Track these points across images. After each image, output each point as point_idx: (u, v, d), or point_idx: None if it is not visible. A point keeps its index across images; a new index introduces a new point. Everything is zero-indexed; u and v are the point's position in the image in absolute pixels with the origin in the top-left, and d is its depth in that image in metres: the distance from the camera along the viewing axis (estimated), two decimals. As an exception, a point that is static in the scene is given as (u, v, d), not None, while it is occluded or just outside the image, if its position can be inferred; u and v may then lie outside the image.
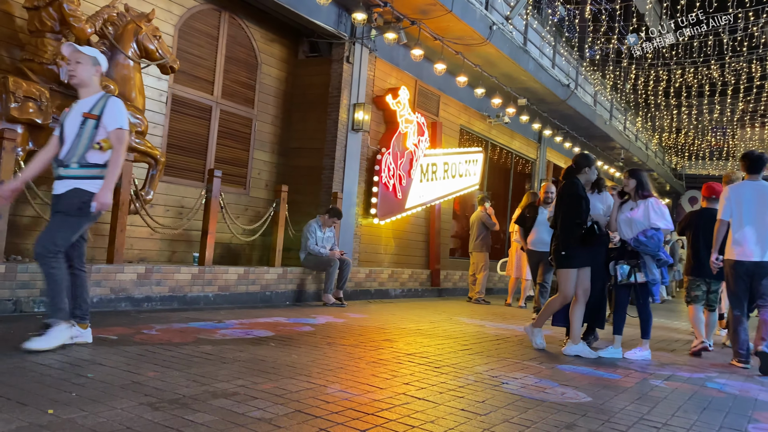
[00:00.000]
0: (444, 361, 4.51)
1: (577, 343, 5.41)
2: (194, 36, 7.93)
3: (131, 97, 6.17)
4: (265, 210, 8.18)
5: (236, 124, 8.64)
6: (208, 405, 2.82)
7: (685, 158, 28.08)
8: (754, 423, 3.46)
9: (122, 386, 3.01)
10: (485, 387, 3.74)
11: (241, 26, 8.60)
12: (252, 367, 3.71)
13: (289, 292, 7.73)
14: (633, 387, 4.17)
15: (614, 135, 17.69)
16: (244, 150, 8.80)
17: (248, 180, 8.86)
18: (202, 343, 4.37)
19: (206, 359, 3.82)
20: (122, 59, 6.13)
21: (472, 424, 2.91)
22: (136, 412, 2.62)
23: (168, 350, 3.99)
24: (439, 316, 7.56)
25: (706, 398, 4.02)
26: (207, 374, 3.41)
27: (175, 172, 7.77)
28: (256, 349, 4.32)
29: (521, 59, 11.21)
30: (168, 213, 7.58)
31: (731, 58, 14.76)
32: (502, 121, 13.06)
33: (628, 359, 5.35)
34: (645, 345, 5.51)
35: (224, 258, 8.41)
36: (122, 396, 2.84)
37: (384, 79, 9.82)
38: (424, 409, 3.10)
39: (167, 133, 7.64)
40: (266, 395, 3.07)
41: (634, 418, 3.29)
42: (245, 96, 8.77)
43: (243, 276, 7.11)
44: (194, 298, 6.55)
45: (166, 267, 6.36)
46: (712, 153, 27.44)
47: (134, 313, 5.66)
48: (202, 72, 8.10)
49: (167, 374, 3.33)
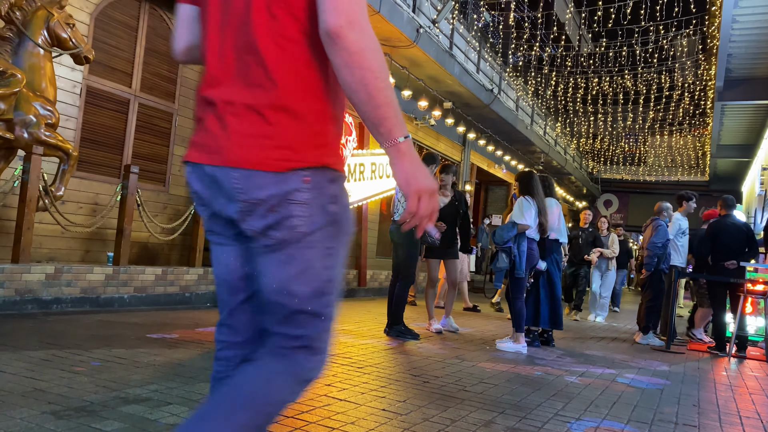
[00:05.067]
0: (367, 361, 4.50)
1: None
2: (111, 25, 7.58)
3: (41, 88, 5.82)
4: (186, 208, 7.93)
5: (156, 119, 8.33)
6: (117, 412, 2.68)
7: (601, 163, 29.40)
8: (659, 416, 3.65)
9: (23, 394, 2.82)
10: (407, 386, 3.76)
11: (163, 18, 8.30)
12: (168, 371, 3.57)
13: (211, 293, 7.52)
14: (549, 383, 4.31)
15: (535, 140, 18.29)
16: (163, 145, 8.49)
17: (168, 177, 8.56)
18: (114, 347, 4.18)
19: (119, 364, 3.65)
20: (31, 47, 5.77)
21: (393, 424, 2.91)
22: (37, 421, 2.46)
23: (77, 355, 3.78)
24: (365, 315, 7.56)
25: (616, 393, 4.20)
26: (118, 379, 3.26)
27: (90, 168, 7.40)
28: (173, 352, 4.16)
29: (447, 63, 11.39)
30: (81, 210, 7.21)
31: (643, 69, 15.58)
32: (428, 124, 13.23)
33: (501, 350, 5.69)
34: (515, 336, 5.77)
35: (141, 258, 8.09)
36: (23, 405, 2.66)
37: (311, 77, 9.73)
38: (346, 410, 3.07)
39: (81, 127, 7.26)
40: (181, 400, 2.96)
41: (549, 414, 3.39)
42: (166, 90, 8.47)
43: (161, 276, 6.86)
44: (108, 299, 6.26)
45: (77, 267, 6.05)
46: (625, 158, 28.87)
47: (42, 315, 5.35)
48: (119, 63, 7.75)
49: (75, 380, 3.15)
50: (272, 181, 1.25)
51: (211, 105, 1.32)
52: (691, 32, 13.17)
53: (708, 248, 7.24)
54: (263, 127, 1.26)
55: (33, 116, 5.71)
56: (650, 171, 27.83)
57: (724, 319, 7.14)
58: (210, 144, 1.30)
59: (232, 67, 1.30)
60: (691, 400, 4.18)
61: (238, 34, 1.30)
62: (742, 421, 3.70)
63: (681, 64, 15.82)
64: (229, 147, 1.27)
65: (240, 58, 1.29)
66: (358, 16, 1.23)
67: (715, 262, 7.12)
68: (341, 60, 1.22)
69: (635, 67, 15.67)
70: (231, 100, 1.28)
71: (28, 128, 5.70)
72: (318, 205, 1.29)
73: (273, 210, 1.26)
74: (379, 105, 1.23)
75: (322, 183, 1.29)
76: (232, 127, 1.27)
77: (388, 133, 1.26)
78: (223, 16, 1.33)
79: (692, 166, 26.05)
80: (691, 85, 16.39)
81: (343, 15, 1.21)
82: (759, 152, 14.98)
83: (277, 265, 1.29)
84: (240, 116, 1.27)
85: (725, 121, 13.86)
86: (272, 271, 1.30)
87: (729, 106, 12.47)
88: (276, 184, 1.25)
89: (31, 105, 5.70)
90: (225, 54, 1.32)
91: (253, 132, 1.26)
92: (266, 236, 1.28)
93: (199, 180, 1.35)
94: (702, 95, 15.90)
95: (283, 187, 1.25)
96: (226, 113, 1.28)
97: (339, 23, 1.20)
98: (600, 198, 31.70)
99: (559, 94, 18.08)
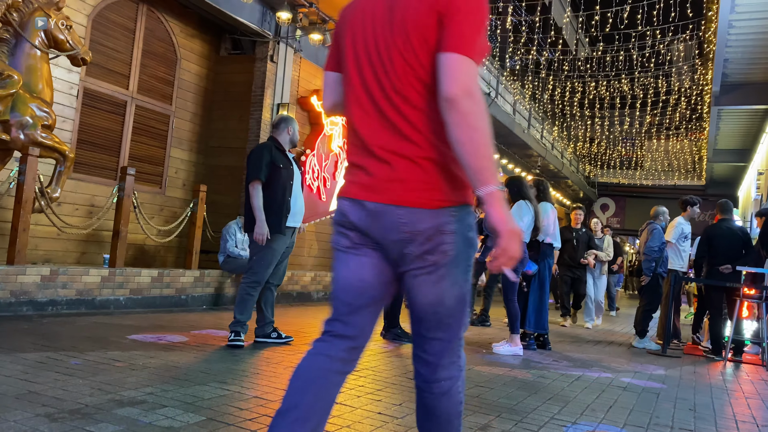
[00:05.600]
0: (363, 364, 4.49)
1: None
2: (109, 27, 7.58)
3: (38, 89, 5.82)
4: (182, 210, 7.92)
5: (153, 121, 8.33)
6: (112, 415, 2.67)
7: (598, 167, 29.46)
8: (655, 419, 3.65)
9: (17, 397, 2.81)
10: (403, 390, 3.75)
11: (160, 20, 8.30)
12: (163, 374, 3.56)
13: (207, 295, 7.50)
14: (545, 387, 4.30)
15: (532, 143, 18.31)
16: (160, 147, 8.48)
17: (164, 179, 8.55)
18: (110, 349, 4.16)
19: (113, 366, 3.63)
20: (28, 48, 5.77)
21: (389, 427, 2.90)
22: (30, 424, 2.45)
23: (72, 357, 3.77)
24: (361, 319, 7.56)
25: (613, 397, 4.19)
26: (113, 382, 3.24)
27: (86, 169, 7.39)
28: (168, 354, 4.15)
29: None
30: (77, 212, 7.20)
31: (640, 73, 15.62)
32: (425, 126, 13.22)
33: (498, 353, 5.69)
34: (512, 339, 5.77)
35: (137, 260, 8.08)
36: (16, 407, 2.65)
37: (309, 80, 9.74)
38: (341, 413, 3.06)
39: (78, 128, 7.26)
40: (177, 403, 2.95)
41: (545, 418, 3.38)
42: (163, 92, 8.46)
43: (157, 279, 6.84)
44: (104, 301, 6.24)
45: (73, 269, 6.03)
46: (622, 162, 28.92)
47: (37, 317, 5.33)
48: (116, 65, 7.75)
49: (69, 383, 3.14)
50: (429, 217, 1.58)
51: (370, 153, 1.64)
52: (688, 37, 13.22)
53: (704, 253, 7.25)
54: (419, 173, 1.58)
55: (29, 117, 5.70)
56: (647, 175, 27.89)
57: (721, 324, 7.14)
58: (373, 185, 1.63)
59: (388, 124, 1.62)
60: (687, 404, 4.18)
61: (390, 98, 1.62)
62: (738, 425, 3.70)
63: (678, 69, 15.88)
64: (393, 189, 1.60)
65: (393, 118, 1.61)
66: (472, 86, 1.52)
67: (711, 267, 7.13)
68: (455, 120, 1.52)
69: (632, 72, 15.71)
70: (391, 150, 1.60)
71: (24, 129, 5.69)
72: (461, 233, 1.62)
73: (429, 239, 1.59)
74: (481, 157, 1.52)
75: (463, 216, 1.63)
76: (393, 173, 1.60)
77: (486, 180, 1.52)
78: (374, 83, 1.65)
79: (689, 170, 26.12)
80: (688, 90, 16.44)
81: (459, 85, 1.50)
82: (755, 157, 15.03)
83: (433, 283, 1.63)
84: (399, 164, 1.59)
85: (722, 126, 13.90)
86: (429, 288, 1.64)
87: (725, 110, 12.50)
88: (432, 218, 1.59)
89: (27, 106, 5.69)
90: (380, 112, 1.64)
91: (412, 177, 1.59)
92: (423, 259, 1.61)
93: (358, 212, 1.66)
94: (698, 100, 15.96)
95: (437, 220, 1.59)
96: (386, 161, 1.61)
97: (456, 92, 1.50)
98: (597, 202, 31.73)
99: (556, 98, 18.12)
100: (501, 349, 5.73)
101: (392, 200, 1.60)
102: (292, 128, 5.14)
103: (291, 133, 5.13)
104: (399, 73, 1.60)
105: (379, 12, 1.66)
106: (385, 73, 1.62)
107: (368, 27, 1.68)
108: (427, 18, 1.57)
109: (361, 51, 1.68)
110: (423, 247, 1.60)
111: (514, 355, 5.65)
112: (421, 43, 1.58)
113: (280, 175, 4.96)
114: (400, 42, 1.60)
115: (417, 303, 1.68)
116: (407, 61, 1.59)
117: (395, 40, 1.61)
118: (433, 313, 1.66)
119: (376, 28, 1.66)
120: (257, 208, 4.79)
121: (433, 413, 1.73)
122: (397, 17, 1.61)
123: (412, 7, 1.59)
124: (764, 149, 13.15)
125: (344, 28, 1.76)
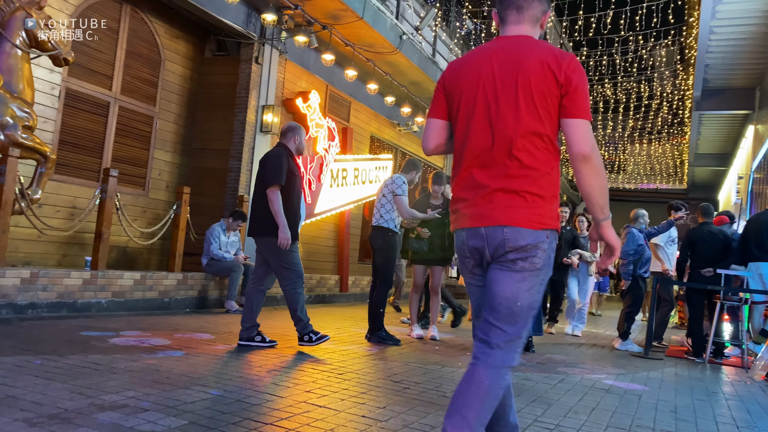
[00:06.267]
0: (348, 367, 4.48)
1: None
2: (92, 27, 7.50)
3: (18, 89, 5.75)
4: (165, 212, 7.86)
5: (136, 122, 8.26)
6: (92, 419, 2.64)
7: (582, 171, 29.61)
8: (637, 421, 3.68)
9: (-4, 401, 2.77)
10: (387, 392, 3.75)
11: (144, 20, 8.24)
12: (145, 377, 3.52)
13: (190, 298, 7.45)
14: (529, 389, 4.32)
15: (517, 146, 18.36)
16: (143, 149, 8.42)
17: (147, 181, 8.48)
18: (91, 352, 4.12)
19: (95, 370, 3.59)
20: (9, 48, 5.71)
21: (372, 430, 2.90)
22: (9, 429, 2.41)
23: (52, 361, 3.72)
24: (346, 321, 7.54)
25: (595, 399, 4.22)
26: (94, 386, 3.21)
27: (68, 171, 7.31)
28: (151, 358, 4.11)
29: (430, 70, 11.44)
30: (59, 214, 7.11)
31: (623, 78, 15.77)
32: (411, 130, 13.26)
33: None
34: None
35: (120, 262, 8.00)
36: (-5, 412, 2.61)
37: (294, 82, 9.72)
38: (325, 416, 3.06)
39: (59, 129, 7.18)
40: (158, 407, 2.92)
41: (528, 420, 3.40)
42: (147, 93, 8.40)
43: (139, 281, 6.78)
44: (85, 304, 6.17)
45: (54, 271, 5.95)
46: (605, 166, 29.15)
47: (17, 320, 5.26)
48: (100, 66, 7.68)
49: (49, 387, 3.10)
50: (530, 235, 2.04)
51: (482, 187, 2.08)
52: (670, 42, 13.38)
53: (685, 256, 7.33)
54: (524, 203, 2.04)
55: (10, 118, 5.63)
56: (629, 179, 28.14)
57: (702, 326, 7.23)
58: (485, 214, 2.07)
59: (500, 164, 2.06)
60: (668, 406, 4.22)
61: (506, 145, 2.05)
62: (718, 427, 3.74)
63: (660, 74, 16.06)
64: (502, 215, 2.04)
65: (506, 160, 2.05)
66: (594, 142, 2.04)
67: (692, 270, 7.21)
68: (588, 171, 2.02)
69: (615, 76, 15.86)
70: (501, 187, 2.05)
71: (4, 130, 5.62)
72: (548, 252, 2.09)
73: (526, 251, 2.05)
74: (604, 196, 2.06)
75: (552, 239, 2.09)
76: (503, 202, 2.05)
77: (605, 213, 2.08)
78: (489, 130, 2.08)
79: (671, 174, 26.39)
80: (670, 95, 16.62)
81: (588, 144, 2.01)
82: (735, 161, 15.23)
83: (515, 281, 2.06)
84: (508, 196, 2.04)
85: (702, 130, 14.08)
86: (510, 284, 2.06)
87: (706, 115, 12.67)
88: (532, 236, 2.04)
89: (8, 107, 5.62)
90: (494, 155, 2.07)
91: (518, 205, 2.04)
92: (514, 263, 2.06)
93: (476, 238, 2.11)
94: (680, 104, 16.14)
95: (536, 239, 2.05)
96: (496, 194, 2.06)
97: (587, 150, 2.01)
98: (580, 204, 31.95)
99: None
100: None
101: (500, 222, 2.05)
102: (299, 137, 5.25)
103: (297, 142, 5.24)
104: (516, 124, 2.04)
105: (498, 74, 2.09)
106: (502, 123, 2.06)
107: (488, 85, 2.11)
108: (552, 88, 2.03)
109: (479, 104, 2.11)
110: (518, 255, 2.05)
111: None
112: (543, 104, 2.04)
113: (295, 183, 5.06)
114: (522, 101, 2.04)
115: (495, 293, 2.08)
116: (527, 116, 2.04)
117: (518, 99, 2.05)
118: (506, 307, 2.06)
119: (496, 87, 2.09)
120: (278, 213, 4.85)
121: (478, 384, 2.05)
122: (521, 81, 2.05)
123: (536, 76, 2.04)
124: (744, 153, 13.34)
125: (457, 83, 2.19)
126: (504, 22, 2.22)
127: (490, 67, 2.11)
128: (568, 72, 2.02)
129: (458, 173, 2.16)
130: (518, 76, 2.05)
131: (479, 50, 2.20)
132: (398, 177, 6.10)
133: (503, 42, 2.16)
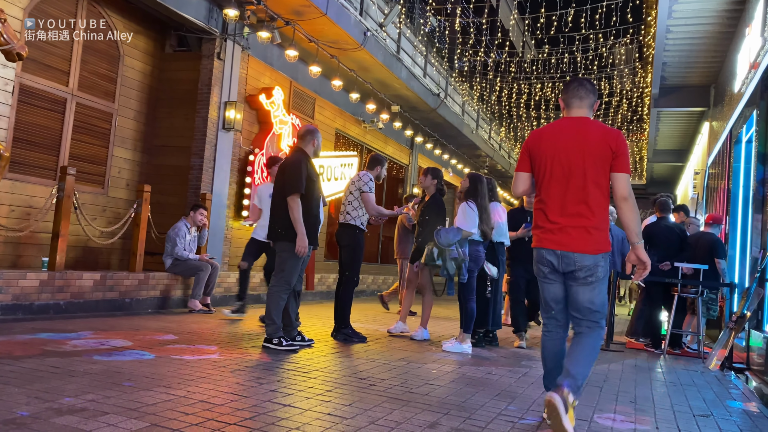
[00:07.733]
0: (313, 365, 4.47)
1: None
2: (47, 21, 7.29)
3: (-31, 85, 5.55)
4: (126, 211, 7.70)
5: (94, 119, 8.07)
6: (50, 424, 2.57)
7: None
8: (598, 413, 3.75)
9: (-53, 408, 2.67)
10: (353, 390, 3.75)
11: (102, 14, 8.04)
12: (105, 379, 3.45)
13: (152, 299, 7.31)
14: (493, 383, 4.37)
15: (480, 144, 18.57)
16: (102, 147, 8.23)
17: (107, 179, 8.30)
18: (48, 355, 4.01)
19: (53, 373, 3.50)
20: (-42, 42, 5.50)
21: (338, 428, 2.89)
22: (-39, 436, 2.34)
23: (7, 365, 3.61)
24: (312, 319, 7.50)
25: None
26: (52, 389, 3.13)
27: (23, 169, 7.10)
28: (111, 360, 4.03)
29: (394, 67, 11.45)
30: (13, 213, 6.91)
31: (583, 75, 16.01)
32: (376, 127, 13.26)
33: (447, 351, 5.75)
34: (463, 337, 5.86)
35: (79, 262, 7.81)
36: (-54, 419, 2.52)
37: (258, 78, 9.61)
38: (290, 416, 3.04)
39: (13, 126, 6.96)
40: (119, 409, 2.86)
41: (493, 414, 3.44)
42: (105, 89, 8.21)
43: (99, 282, 6.63)
44: (43, 306, 6.01)
45: (9, 273, 5.78)
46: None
47: (-31, 324, 5.09)
48: (55, 61, 7.47)
49: (4, 391, 3.01)
50: (592, 258, 3.16)
51: (559, 226, 3.20)
52: (629, 41, 13.65)
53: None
54: (589, 236, 3.16)
55: (-40, 115, 5.43)
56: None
57: (659, 318, 7.41)
58: (562, 242, 3.19)
59: (572, 208, 3.18)
60: (628, 397, 4.31)
61: (577, 194, 3.17)
62: (675, 415, 3.85)
63: (619, 72, 16.37)
64: (575, 244, 3.17)
65: (578, 205, 3.17)
66: (631, 189, 3.16)
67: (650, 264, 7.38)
68: (627, 208, 3.16)
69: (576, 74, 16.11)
70: (573, 225, 3.17)
71: (-46, 127, 5.42)
72: (604, 268, 3.20)
73: (591, 269, 3.17)
74: (638, 224, 3.18)
75: (607, 258, 3.22)
76: (574, 235, 3.17)
77: (639, 238, 3.16)
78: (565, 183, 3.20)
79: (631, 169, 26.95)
80: (629, 92, 16.96)
81: (627, 189, 3.15)
82: (692, 157, 15.64)
83: (589, 291, 3.21)
84: (578, 231, 3.17)
85: (661, 127, 14.40)
86: (587, 293, 3.22)
87: (664, 112, 12.96)
88: (593, 259, 3.17)
89: (-42, 103, 5.42)
90: (567, 201, 3.19)
91: (585, 238, 3.16)
92: (585, 279, 3.19)
93: (555, 257, 3.23)
94: (639, 102, 16.49)
95: (596, 261, 3.17)
96: (569, 229, 3.18)
97: (627, 194, 3.15)
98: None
99: (503, 99, 18.42)
100: (450, 346, 5.79)
101: (573, 250, 3.17)
102: (317, 140, 5.29)
103: (315, 145, 5.28)
104: (583, 178, 3.16)
105: (570, 144, 3.20)
106: (574, 177, 3.17)
107: (561, 151, 3.21)
108: (607, 153, 3.15)
109: (556, 165, 3.21)
110: (585, 273, 3.17)
111: (463, 353, 5.72)
112: (603, 164, 3.16)
113: (314, 189, 5.09)
114: (589, 163, 3.15)
115: (578, 301, 3.24)
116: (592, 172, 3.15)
117: (584, 161, 3.15)
118: (587, 308, 3.23)
119: (569, 153, 3.19)
120: (297, 220, 4.91)
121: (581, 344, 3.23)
122: (587, 149, 3.16)
123: (597, 146, 3.16)
124: (700, 150, 13.71)
125: (539, 148, 3.29)
126: (569, 106, 3.32)
127: (564, 139, 3.22)
128: (617, 143, 3.15)
129: (540, 208, 3.28)
130: (585, 147, 3.15)
131: (553, 126, 3.31)
132: (365, 174, 6.09)
133: (572, 121, 3.28)
